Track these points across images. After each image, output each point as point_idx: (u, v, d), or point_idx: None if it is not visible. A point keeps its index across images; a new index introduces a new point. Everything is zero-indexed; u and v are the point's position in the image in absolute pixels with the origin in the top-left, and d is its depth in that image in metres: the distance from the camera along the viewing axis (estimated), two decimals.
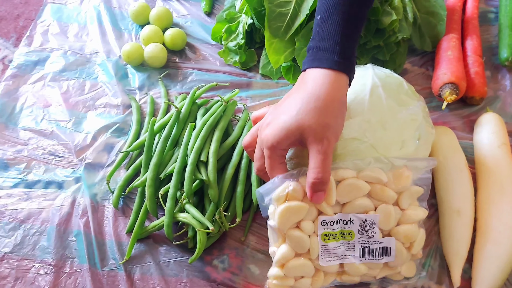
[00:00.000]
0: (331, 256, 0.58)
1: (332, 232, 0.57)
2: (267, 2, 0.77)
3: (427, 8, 0.86)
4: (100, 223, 0.72)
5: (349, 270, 0.60)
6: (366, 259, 0.59)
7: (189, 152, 0.69)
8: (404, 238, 0.58)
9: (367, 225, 0.58)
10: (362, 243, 0.58)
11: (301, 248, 0.57)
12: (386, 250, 0.59)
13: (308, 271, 0.59)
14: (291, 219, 0.56)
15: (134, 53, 0.86)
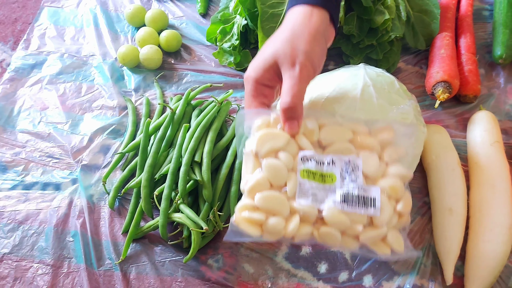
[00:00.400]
0: (309, 197, 0.53)
1: (312, 170, 0.53)
2: (260, 3, 0.78)
3: (420, 7, 0.86)
4: (97, 223, 0.72)
5: (328, 218, 0.52)
6: (348, 205, 0.53)
7: (183, 153, 0.70)
8: (390, 190, 0.54)
9: (350, 167, 0.54)
10: (343, 188, 0.53)
11: (277, 179, 0.53)
12: (370, 200, 0.53)
13: (282, 208, 0.52)
14: (269, 144, 0.54)
15: (130, 55, 0.87)
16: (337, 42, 0.85)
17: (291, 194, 0.53)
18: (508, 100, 0.82)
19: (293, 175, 0.53)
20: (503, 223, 0.64)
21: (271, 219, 0.52)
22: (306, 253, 0.69)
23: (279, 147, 0.54)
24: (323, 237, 0.53)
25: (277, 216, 0.52)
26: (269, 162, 0.53)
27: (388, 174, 0.55)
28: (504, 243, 0.63)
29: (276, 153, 0.54)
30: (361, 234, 0.53)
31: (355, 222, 0.53)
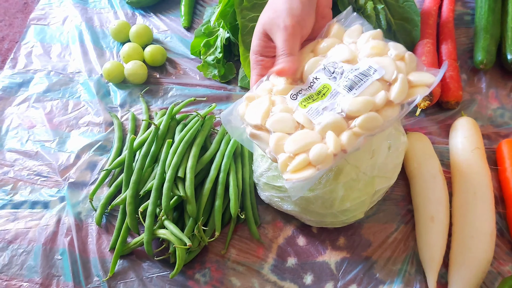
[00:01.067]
0: (323, 113, 0.53)
1: (307, 96, 0.55)
2: (240, 17, 0.78)
3: (401, 14, 0.87)
4: (84, 241, 0.73)
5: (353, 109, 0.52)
6: (356, 89, 0.53)
7: (166, 169, 0.70)
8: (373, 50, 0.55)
9: (330, 68, 0.55)
10: (341, 83, 0.54)
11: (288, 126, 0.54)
12: (368, 70, 0.53)
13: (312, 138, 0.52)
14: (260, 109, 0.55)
15: (115, 71, 0.88)
16: None
17: (307, 124, 0.53)
18: (490, 105, 0.83)
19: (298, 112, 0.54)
20: (484, 230, 0.65)
21: (311, 150, 0.51)
22: (292, 265, 0.70)
23: (268, 106, 0.55)
24: (364, 126, 0.52)
25: (315, 145, 0.51)
26: (271, 119, 0.54)
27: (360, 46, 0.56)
28: (485, 251, 0.64)
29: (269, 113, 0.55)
30: (390, 95, 0.52)
31: (374, 94, 0.52)
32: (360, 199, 0.65)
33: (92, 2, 1.03)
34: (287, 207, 0.69)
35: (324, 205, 0.65)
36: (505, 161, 0.73)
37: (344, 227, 0.72)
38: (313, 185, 0.61)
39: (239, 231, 0.73)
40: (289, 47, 0.57)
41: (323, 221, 0.69)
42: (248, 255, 0.71)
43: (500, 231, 0.70)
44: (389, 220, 0.73)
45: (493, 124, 0.81)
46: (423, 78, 0.53)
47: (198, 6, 1.02)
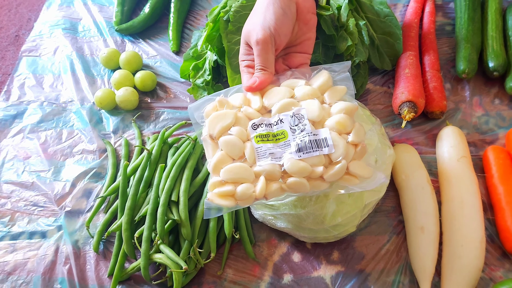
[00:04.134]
0: (268, 157, 0.56)
1: (264, 133, 0.57)
2: (226, 41, 0.80)
3: (383, 29, 0.89)
4: (83, 268, 0.74)
5: (290, 168, 0.55)
6: (304, 152, 0.56)
7: (160, 193, 0.72)
8: (337, 125, 0.57)
9: (296, 120, 0.57)
10: (296, 139, 0.57)
11: (234, 151, 0.57)
12: (322, 141, 0.56)
13: (247, 175, 0.56)
14: (220, 124, 0.58)
15: (106, 98, 0.90)
16: None
17: (251, 160, 0.57)
18: (474, 113, 0.85)
19: (249, 144, 0.57)
20: (473, 237, 0.66)
21: (239, 187, 0.55)
22: (288, 282, 0.71)
23: (229, 123, 0.58)
24: (292, 187, 0.56)
25: (244, 183, 0.56)
26: (224, 139, 0.57)
27: (332, 112, 0.59)
28: (476, 258, 0.65)
29: (228, 130, 0.58)
30: (325, 174, 0.56)
31: (315, 165, 0.56)
32: (351, 213, 0.67)
33: (81, 31, 1.05)
34: (280, 225, 0.70)
35: (316, 221, 0.67)
36: (492, 167, 0.74)
37: (337, 241, 0.73)
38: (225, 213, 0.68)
39: (235, 250, 0.74)
40: (260, 61, 0.61)
41: (316, 237, 0.70)
42: (244, 274, 0.72)
43: (490, 237, 0.71)
44: (381, 231, 0.74)
45: (479, 131, 0.82)
46: (361, 171, 0.57)
47: (186, 30, 1.04)
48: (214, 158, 0.57)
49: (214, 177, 0.57)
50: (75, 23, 1.07)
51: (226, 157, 0.57)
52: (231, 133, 0.58)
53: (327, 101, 0.60)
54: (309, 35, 0.67)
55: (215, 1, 1.09)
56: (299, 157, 0.56)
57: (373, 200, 0.68)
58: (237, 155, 0.57)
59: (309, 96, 0.59)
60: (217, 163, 0.57)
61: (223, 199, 0.56)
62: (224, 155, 0.57)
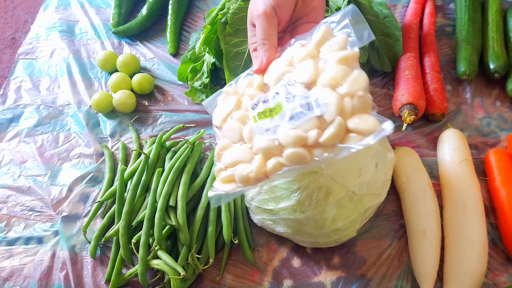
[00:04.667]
0: (263, 134, 0.53)
1: (261, 111, 0.54)
2: (224, 43, 0.79)
3: (382, 30, 0.88)
4: (80, 274, 0.73)
5: (283, 140, 0.51)
6: (295, 120, 0.51)
7: (158, 198, 0.71)
8: (330, 80, 0.50)
9: (290, 88, 0.53)
10: (290, 108, 0.51)
11: (234, 135, 0.55)
12: (313, 102, 0.50)
13: (245, 156, 0.53)
14: (222, 112, 0.57)
15: (103, 101, 0.89)
16: None
17: (248, 140, 0.54)
18: (476, 115, 0.84)
19: (248, 125, 0.55)
20: (476, 242, 0.65)
21: (236, 168, 0.53)
22: (288, 287, 0.70)
23: (231, 110, 0.57)
24: (290, 160, 0.50)
25: (241, 164, 0.53)
26: (225, 126, 0.56)
27: (326, 67, 0.52)
28: (479, 263, 0.64)
29: (229, 116, 0.57)
30: (322, 138, 0.49)
31: (307, 130, 0.50)
32: (351, 217, 0.66)
33: (78, 33, 1.04)
34: (280, 230, 0.69)
35: (316, 226, 0.66)
36: (494, 171, 0.73)
37: (338, 246, 0.72)
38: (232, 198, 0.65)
39: (234, 255, 0.73)
40: (262, 34, 0.60)
41: (316, 242, 0.69)
42: (243, 280, 0.71)
43: (493, 242, 0.70)
44: (382, 236, 0.73)
45: (480, 133, 0.82)
46: (364, 125, 0.48)
47: (183, 32, 1.03)
48: (218, 146, 0.56)
49: (218, 164, 0.56)
50: (72, 25, 1.06)
51: (227, 143, 0.56)
52: (232, 118, 0.56)
53: (323, 57, 0.53)
54: (316, 3, 0.64)
55: (212, 2, 1.08)
56: (291, 125, 0.50)
57: (374, 204, 0.67)
58: (237, 139, 0.55)
59: (304, 58, 0.54)
60: (219, 151, 0.56)
61: (225, 183, 0.54)
62: (226, 141, 0.56)
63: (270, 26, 0.60)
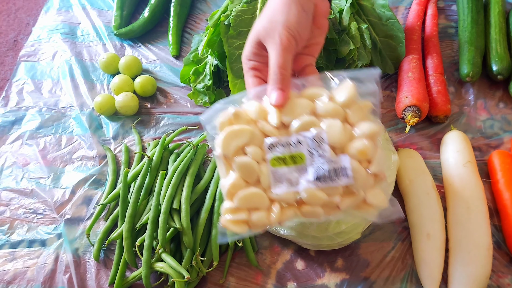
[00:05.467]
0: (284, 183, 0.53)
1: (281, 155, 0.53)
2: (227, 46, 0.79)
3: (385, 32, 0.88)
4: (83, 277, 0.73)
5: (307, 199, 0.53)
6: (322, 182, 0.52)
7: (161, 201, 0.71)
8: (359, 154, 0.52)
9: (315, 143, 0.52)
10: (314, 165, 0.52)
11: (250, 176, 0.53)
12: (341, 170, 0.52)
13: (261, 202, 0.53)
14: (234, 143, 0.53)
15: (106, 104, 0.88)
16: None
17: (266, 186, 0.53)
18: (479, 117, 0.84)
19: (264, 166, 0.53)
20: (480, 244, 0.65)
21: (253, 215, 0.53)
22: None
23: (245, 143, 0.53)
24: (306, 215, 0.53)
25: (259, 211, 0.53)
26: (239, 161, 0.53)
27: (355, 135, 0.53)
28: (483, 266, 0.64)
29: (243, 149, 0.54)
30: (341, 204, 0.53)
31: (332, 195, 0.53)
32: (355, 220, 0.66)
33: (80, 36, 1.04)
34: (283, 232, 0.69)
35: (319, 229, 0.66)
36: (497, 173, 0.73)
37: (341, 248, 0.72)
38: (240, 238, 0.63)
39: (237, 258, 0.73)
40: (282, 62, 0.54)
41: (320, 244, 0.69)
42: (247, 283, 0.71)
43: (497, 244, 0.70)
44: (386, 238, 0.73)
45: (484, 135, 0.81)
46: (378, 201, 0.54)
47: (186, 34, 1.03)
48: (228, 182, 0.53)
49: (228, 202, 0.54)
50: (73, 27, 1.06)
51: (240, 181, 0.53)
52: (246, 154, 0.53)
53: (350, 119, 0.54)
54: (319, 39, 0.62)
55: (215, 5, 1.08)
56: (316, 186, 0.52)
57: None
58: (252, 180, 0.53)
59: (331, 114, 0.53)
60: (231, 188, 0.53)
61: (236, 225, 0.54)
62: (239, 179, 0.53)
63: (289, 55, 0.55)
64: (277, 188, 0.53)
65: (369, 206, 0.54)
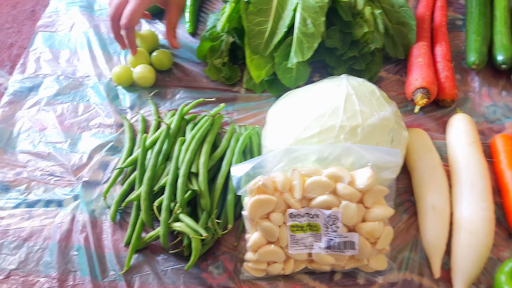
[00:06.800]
0: (300, 246, 0.65)
1: (300, 224, 0.64)
2: (246, 22, 0.82)
3: (398, 19, 0.92)
4: (99, 237, 0.75)
5: (317, 260, 0.66)
6: (332, 250, 0.64)
7: (180, 165, 0.73)
8: (367, 234, 0.63)
9: (330, 220, 0.63)
10: (327, 236, 0.64)
11: (271, 237, 0.65)
12: (350, 244, 0.64)
13: (279, 257, 0.66)
14: (260, 211, 0.63)
15: (124, 74, 0.91)
16: (321, 55, 0.90)
17: (283, 245, 0.65)
18: (483, 103, 0.88)
19: (284, 229, 0.64)
20: (484, 217, 0.69)
21: (271, 266, 0.67)
22: None
23: (270, 211, 0.64)
24: (315, 268, 0.68)
25: (276, 263, 0.67)
26: (263, 226, 0.64)
27: (368, 218, 0.63)
28: (486, 235, 0.67)
29: (268, 215, 0.64)
30: (345, 265, 0.67)
31: (339, 260, 0.66)
32: None
33: (98, 10, 1.06)
34: None
35: None
36: (500, 154, 0.77)
37: None
38: None
39: None
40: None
41: None
42: None
43: (498, 220, 0.74)
44: None
45: (487, 120, 0.85)
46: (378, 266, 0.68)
47: (201, 14, 1.06)
48: (252, 239, 0.66)
49: (250, 254, 0.67)
50: (91, 1, 1.08)
51: (262, 239, 0.65)
52: (270, 220, 0.64)
53: (365, 202, 0.63)
54: None
55: None
56: (326, 252, 0.65)
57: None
58: (272, 239, 0.65)
59: (349, 197, 0.62)
60: (254, 245, 0.65)
61: (255, 271, 0.68)
62: (261, 238, 0.65)
63: None
64: (293, 249, 0.65)
65: (369, 268, 0.67)
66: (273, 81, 0.89)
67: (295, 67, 0.83)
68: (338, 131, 0.68)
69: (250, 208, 0.63)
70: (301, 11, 0.81)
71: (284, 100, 0.79)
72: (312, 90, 0.76)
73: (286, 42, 0.83)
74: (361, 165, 0.64)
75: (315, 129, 0.69)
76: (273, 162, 0.66)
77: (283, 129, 0.73)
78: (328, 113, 0.69)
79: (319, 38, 0.81)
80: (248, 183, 0.65)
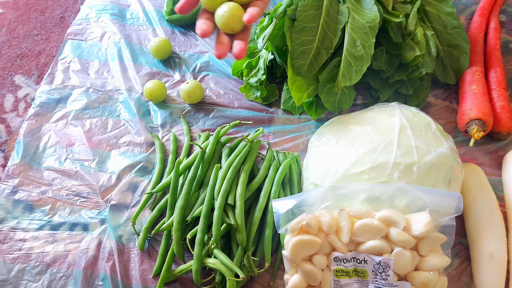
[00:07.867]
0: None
1: (345, 269, 0.58)
2: (290, 41, 0.77)
3: (449, 41, 0.85)
4: (126, 266, 0.71)
5: None
6: None
7: (216, 195, 0.68)
8: (421, 285, 0.57)
9: (381, 267, 0.57)
10: (375, 283, 0.58)
11: (312, 281, 0.59)
12: None
13: None
14: (303, 252, 0.58)
15: (157, 90, 0.86)
16: (365, 76, 0.84)
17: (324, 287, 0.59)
18: None
19: (327, 273, 0.58)
20: None
21: None
22: None
23: (312, 253, 0.58)
24: None
25: None
26: (304, 268, 0.58)
27: (422, 267, 0.57)
28: None
29: (310, 257, 0.58)
30: None
31: None
32: None
33: (130, 18, 1.02)
34: None
35: None
36: None
37: None
38: None
39: None
40: None
41: None
42: None
43: None
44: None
45: None
46: None
47: None
48: (292, 281, 0.60)
49: None
50: (123, 9, 1.04)
51: (302, 283, 0.59)
52: (312, 263, 0.58)
53: (420, 250, 0.57)
54: None
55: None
56: None
57: None
58: (313, 283, 0.59)
59: (403, 244, 0.56)
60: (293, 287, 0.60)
61: None
62: (302, 281, 0.59)
63: None
64: None
65: None
66: (313, 103, 0.84)
67: (340, 90, 0.77)
68: (391, 168, 0.62)
69: (292, 249, 0.58)
70: (350, 31, 0.75)
71: (329, 128, 0.74)
72: (361, 120, 0.70)
73: (332, 64, 0.77)
74: (416, 208, 0.59)
75: (366, 165, 0.63)
76: (318, 198, 0.61)
77: (329, 161, 0.67)
78: (380, 147, 0.63)
79: (368, 61, 0.75)
80: (289, 220, 0.60)
